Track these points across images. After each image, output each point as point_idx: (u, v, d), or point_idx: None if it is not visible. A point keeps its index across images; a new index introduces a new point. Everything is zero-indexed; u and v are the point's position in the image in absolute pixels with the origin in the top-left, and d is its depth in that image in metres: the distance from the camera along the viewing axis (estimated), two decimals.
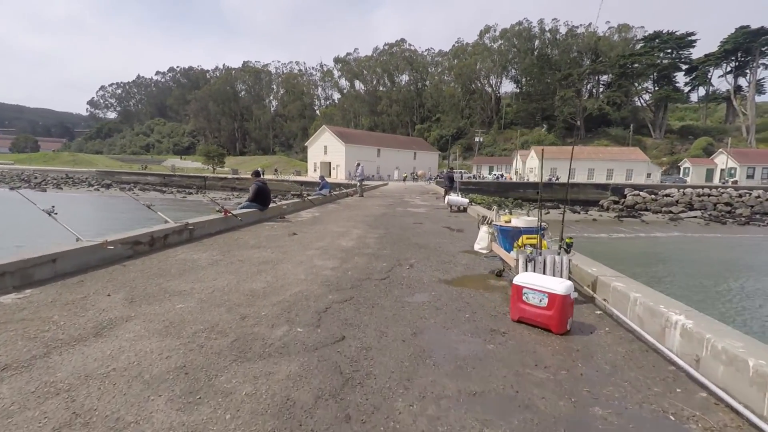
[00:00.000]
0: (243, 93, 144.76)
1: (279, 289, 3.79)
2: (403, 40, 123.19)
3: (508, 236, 4.14)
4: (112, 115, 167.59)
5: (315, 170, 57.33)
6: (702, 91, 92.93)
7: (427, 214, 11.40)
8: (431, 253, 5.86)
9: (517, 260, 3.73)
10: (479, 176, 64.13)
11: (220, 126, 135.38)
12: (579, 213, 39.88)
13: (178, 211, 29.47)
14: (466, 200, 12.19)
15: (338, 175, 51.37)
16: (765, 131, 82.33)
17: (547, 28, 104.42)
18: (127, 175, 58.02)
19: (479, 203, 30.37)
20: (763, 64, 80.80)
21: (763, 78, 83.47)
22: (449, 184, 15.52)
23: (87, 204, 34.33)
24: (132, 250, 5.06)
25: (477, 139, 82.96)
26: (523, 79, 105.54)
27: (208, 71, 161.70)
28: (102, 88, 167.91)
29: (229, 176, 52.94)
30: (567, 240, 3.71)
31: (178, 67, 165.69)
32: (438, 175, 55.06)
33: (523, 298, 3.16)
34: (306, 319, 3.05)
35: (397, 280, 4.26)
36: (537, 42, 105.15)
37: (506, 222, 4.32)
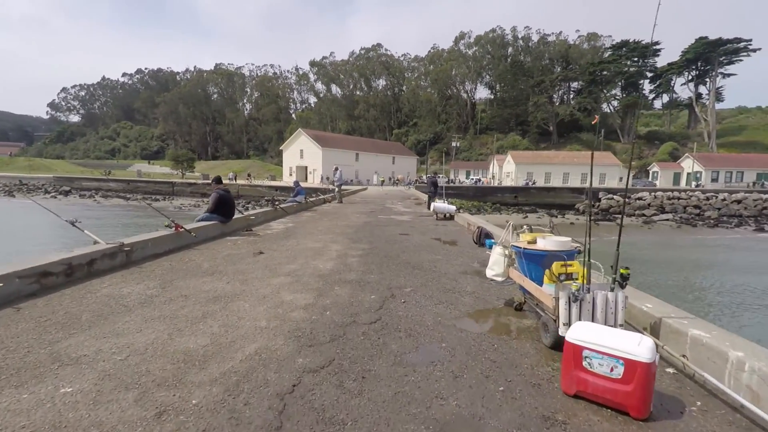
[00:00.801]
0: (215, 96, 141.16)
1: (227, 348, 2.66)
2: (379, 45, 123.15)
3: (539, 263, 3.16)
4: (75, 118, 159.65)
5: (290, 175, 55.65)
6: (665, 98, 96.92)
7: (412, 222, 10.42)
8: (428, 276, 4.83)
9: (557, 299, 2.74)
10: (456, 181, 64.04)
11: (190, 129, 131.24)
12: (556, 217, 40.03)
13: (144, 217, 27.22)
14: (453, 207, 11.28)
15: (315, 180, 49.96)
16: (724, 137, 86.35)
17: (519, 36, 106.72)
18: (87, 181, 54.58)
19: (460, 208, 29.72)
20: (722, 73, 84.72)
21: (722, 86, 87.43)
22: (433, 190, 14.56)
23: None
24: (37, 284, 3.80)
25: (454, 144, 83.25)
26: (497, 85, 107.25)
27: (178, 73, 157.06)
28: (64, 89, 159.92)
29: (199, 181, 50.55)
30: (622, 271, 2.75)
31: (146, 68, 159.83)
32: (417, 180, 54.44)
33: (584, 363, 2.17)
34: (260, 413, 1.94)
35: (393, 324, 3.20)
36: (510, 49, 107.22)
37: (530, 242, 3.34)
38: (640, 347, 2.05)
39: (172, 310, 3.37)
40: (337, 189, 17.61)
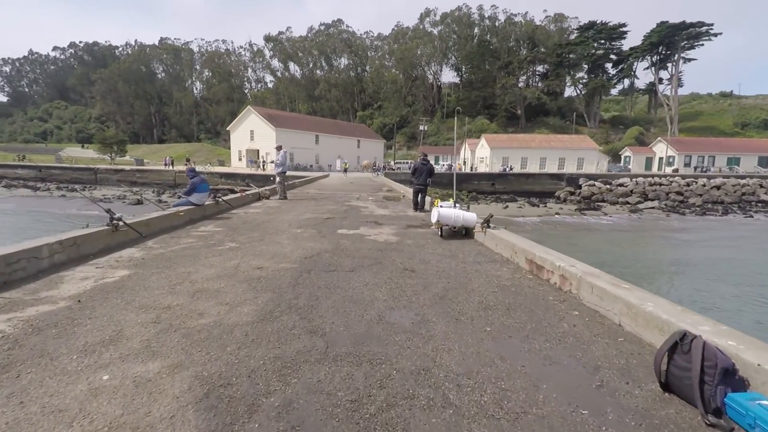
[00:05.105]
0: (161, 74, 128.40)
1: None
2: (340, 21, 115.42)
3: None
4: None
5: (240, 159, 48.72)
6: (626, 83, 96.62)
7: (402, 248, 5.26)
8: None
9: None
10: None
11: (133, 110, 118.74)
12: (537, 206, 36.63)
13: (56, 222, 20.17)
14: (473, 215, 6.19)
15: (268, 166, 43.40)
16: (682, 122, 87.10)
17: (486, 15, 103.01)
18: None
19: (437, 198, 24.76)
20: (683, 57, 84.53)
21: (682, 71, 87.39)
22: (423, 182, 9.23)
23: None
24: None
25: (421, 127, 78.61)
26: (464, 67, 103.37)
27: (117, 48, 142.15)
28: None
29: (128, 168, 42.63)
30: None
31: (80, 42, 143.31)
32: (386, 166, 49.13)
33: None
34: None
35: None
36: (476, 29, 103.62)
37: None
38: None
39: None
40: (278, 179, 12.04)
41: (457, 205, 6.41)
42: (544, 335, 2.67)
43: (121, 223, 4.88)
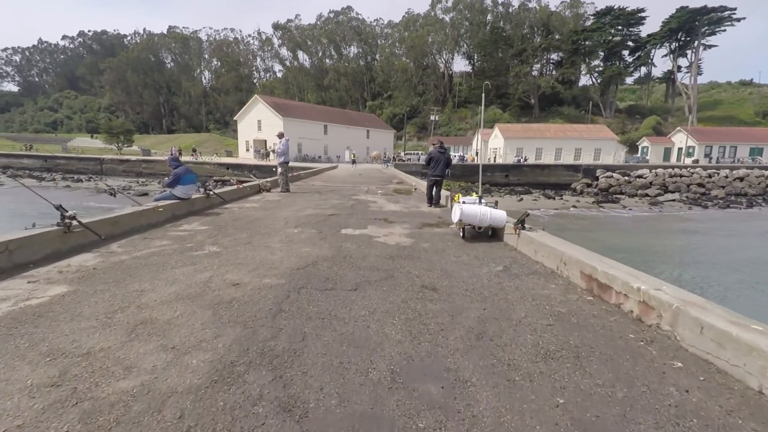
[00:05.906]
0: (170, 63, 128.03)
1: None
2: (349, 8, 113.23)
3: None
4: (10, 86, 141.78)
5: (247, 150, 47.95)
6: (642, 71, 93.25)
7: (420, 256, 4.30)
8: None
9: None
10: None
11: (142, 100, 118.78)
12: (554, 198, 35.33)
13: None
14: (503, 213, 5.19)
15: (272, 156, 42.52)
16: (700, 111, 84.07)
17: (499, 1, 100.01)
18: None
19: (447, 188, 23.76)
20: (704, 44, 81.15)
21: (702, 59, 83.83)
22: (440, 173, 8.17)
23: None
24: None
25: (432, 117, 76.94)
26: (476, 55, 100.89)
27: (125, 36, 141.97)
28: None
29: (134, 158, 42.08)
30: None
31: (89, 30, 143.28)
32: (396, 157, 47.89)
33: None
34: None
35: None
36: (489, 16, 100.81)
37: None
38: None
39: None
40: (280, 170, 11.11)
41: (482, 201, 5.39)
42: (650, 413, 1.69)
43: (74, 222, 3.99)
